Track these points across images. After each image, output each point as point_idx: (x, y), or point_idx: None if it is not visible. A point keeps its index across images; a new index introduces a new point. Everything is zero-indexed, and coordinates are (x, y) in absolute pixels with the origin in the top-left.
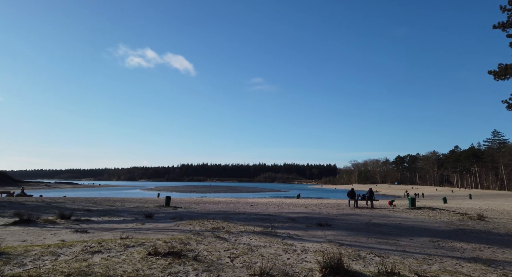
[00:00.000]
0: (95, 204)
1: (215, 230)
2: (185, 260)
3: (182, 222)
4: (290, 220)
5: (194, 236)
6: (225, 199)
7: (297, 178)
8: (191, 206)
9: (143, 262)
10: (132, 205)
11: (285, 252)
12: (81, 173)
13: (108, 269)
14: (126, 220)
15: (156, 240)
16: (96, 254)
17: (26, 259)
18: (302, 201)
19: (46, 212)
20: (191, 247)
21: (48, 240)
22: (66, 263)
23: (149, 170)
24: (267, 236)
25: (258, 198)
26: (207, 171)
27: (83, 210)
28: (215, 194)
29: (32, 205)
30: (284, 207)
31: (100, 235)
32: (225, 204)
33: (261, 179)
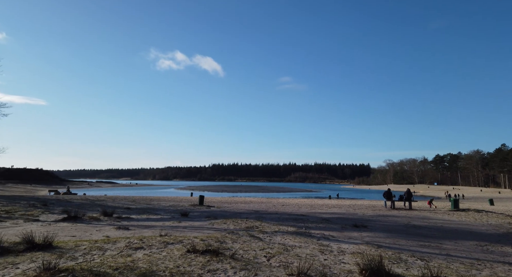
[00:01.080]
0: (133, 203)
1: (249, 229)
2: (223, 258)
3: (217, 221)
4: (323, 220)
5: (229, 235)
6: (256, 199)
7: (329, 178)
8: (223, 205)
9: (183, 259)
10: (168, 203)
11: (321, 253)
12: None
13: (151, 264)
14: (163, 218)
15: (193, 238)
16: (139, 250)
17: (77, 253)
18: (335, 202)
19: (90, 210)
20: (227, 245)
21: (94, 236)
22: (112, 258)
23: (182, 170)
24: (302, 237)
25: (289, 198)
26: (237, 171)
27: (123, 208)
28: (246, 193)
29: (77, 203)
30: (317, 208)
31: (140, 232)
32: (256, 203)
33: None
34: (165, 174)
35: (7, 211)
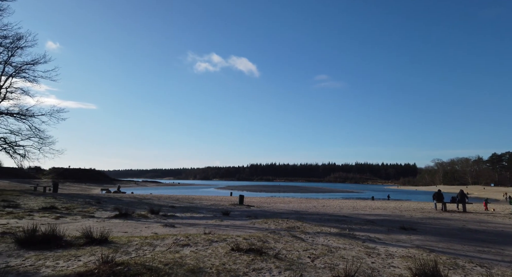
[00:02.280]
0: (177, 201)
1: (290, 230)
2: (267, 258)
3: (257, 221)
4: (368, 222)
5: (271, 235)
6: (295, 199)
7: (371, 178)
8: (263, 205)
9: (228, 257)
10: (209, 202)
11: (368, 256)
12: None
13: (198, 261)
14: (206, 217)
15: (236, 236)
16: (186, 247)
17: (130, 248)
18: (379, 203)
19: (138, 208)
20: (269, 245)
21: (144, 233)
22: (162, 254)
23: (221, 170)
24: (345, 238)
25: (329, 198)
26: (275, 171)
27: (168, 206)
28: (284, 193)
29: (126, 201)
30: (360, 209)
31: (185, 230)
32: (296, 204)
33: (331, 179)
34: (205, 174)
35: (67, 207)
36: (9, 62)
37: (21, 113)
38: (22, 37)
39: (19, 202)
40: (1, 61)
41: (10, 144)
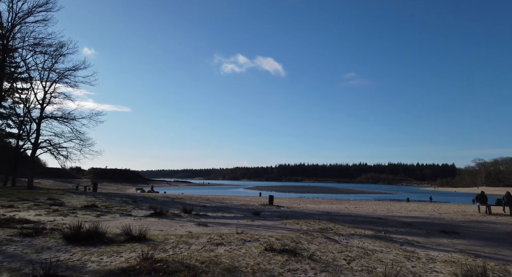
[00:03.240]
0: (208, 201)
1: (323, 231)
2: (301, 259)
3: (288, 221)
4: (405, 224)
5: (304, 236)
6: (326, 200)
7: (405, 179)
8: (292, 205)
9: (262, 257)
10: (239, 202)
11: (407, 259)
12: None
13: (233, 260)
14: (237, 217)
15: (269, 237)
16: (220, 246)
17: (167, 246)
18: (415, 205)
19: (171, 207)
20: (303, 246)
21: (179, 231)
22: (198, 252)
23: (249, 170)
24: (381, 241)
25: (362, 200)
26: (304, 171)
27: (199, 206)
28: (314, 194)
29: (160, 200)
30: (394, 211)
31: (218, 229)
32: (327, 204)
33: (363, 180)
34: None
35: (106, 206)
36: (53, 68)
37: (64, 116)
38: (64, 45)
39: (63, 201)
40: (46, 68)
41: (54, 146)
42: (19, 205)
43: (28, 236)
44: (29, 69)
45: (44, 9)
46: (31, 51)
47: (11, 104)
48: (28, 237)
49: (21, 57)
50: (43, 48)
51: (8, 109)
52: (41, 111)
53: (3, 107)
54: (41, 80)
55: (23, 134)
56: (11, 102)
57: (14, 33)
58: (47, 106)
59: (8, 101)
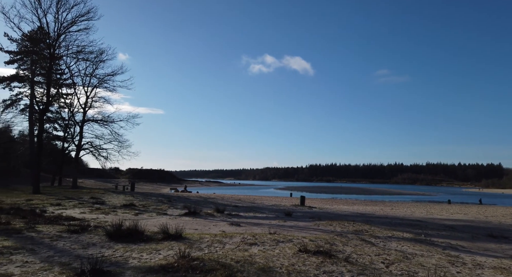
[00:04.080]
0: (239, 201)
1: (358, 233)
2: (336, 261)
3: (321, 222)
4: (446, 228)
5: (338, 237)
6: (360, 201)
7: (445, 179)
8: (325, 206)
9: (296, 258)
10: (270, 203)
11: (451, 265)
12: (224, 173)
13: (267, 260)
14: (269, 217)
15: (302, 238)
16: (253, 246)
17: (202, 245)
18: (458, 207)
19: (204, 206)
20: (337, 248)
21: (212, 230)
22: (232, 251)
23: (279, 171)
24: (422, 244)
25: (398, 201)
26: (336, 171)
27: (231, 206)
28: (346, 195)
29: (194, 200)
30: (435, 213)
31: (250, 229)
32: (361, 206)
33: (399, 180)
34: (264, 175)
35: (143, 205)
36: (94, 74)
37: (104, 119)
38: (104, 52)
39: (104, 200)
40: (87, 74)
41: (96, 147)
42: (65, 204)
43: (75, 232)
44: (72, 76)
45: (86, 18)
46: (74, 58)
47: (57, 108)
48: (75, 233)
49: (65, 64)
50: (85, 55)
51: (54, 113)
52: (83, 114)
53: (50, 111)
54: (83, 86)
55: (68, 136)
56: (57, 106)
57: (60, 42)
58: (89, 110)
59: (55, 106)
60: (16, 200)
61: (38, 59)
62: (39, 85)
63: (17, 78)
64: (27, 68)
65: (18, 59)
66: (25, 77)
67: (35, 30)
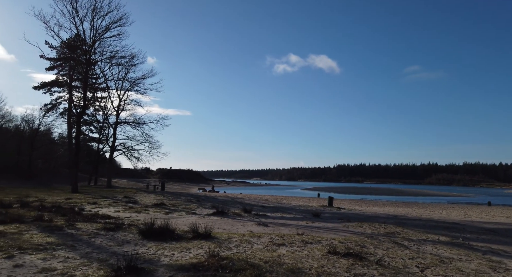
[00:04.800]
0: (266, 201)
1: (390, 235)
2: (368, 263)
3: (351, 224)
4: (487, 231)
5: (369, 240)
6: (390, 202)
7: (485, 180)
8: (354, 207)
9: (325, 259)
10: (297, 203)
11: (493, 270)
12: (250, 173)
13: (296, 261)
14: (296, 217)
15: (331, 239)
16: (281, 246)
17: (231, 244)
18: (499, 210)
19: (232, 206)
20: (368, 250)
21: (240, 230)
22: (260, 252)
23: (306, 171)
24: (459, 248)
25: (432, 202)
26: (365, 171)
27: (258, 206)
28: (377, 196)
29: (221, 200)
30: (474, 215)
31: (278, 230)
32: (392, 207)
33: (433, 181)
34: (290, 175)
35: (173, 204)
36: (126, 78)
37: (135, 121)
38: (135, 56)
39: (136, 199)
40: (120, 78)
41: (128, 148)
42: (101, 202)
43: (111, 230)
44: (106, 80)
45: (119, 25)
46: (108, 63)
47: (93, 111)
48: (110, 231)
49: (100, 69)
50: (118, 60)
51: (90, 116)
52: (116, 117)
53: (87, 114)
54: (116, 89)
55: (103, 138)
56: (93, 110)
57: (95, 48)
58: (121, 112)
59: (90, 109)
60: (56, 198)
61: (76, 65)
62: (76, 90)
63: (56, 83)
64: (66, 74)
65: (57, 65)
66: (64, 82)
67: (73, 37)
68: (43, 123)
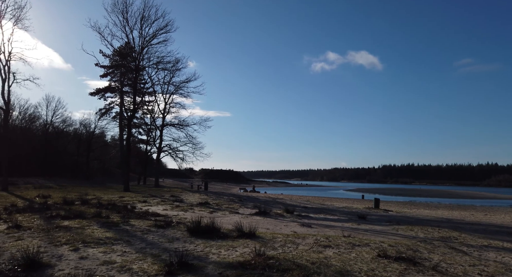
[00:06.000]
0: (308, 202)
1: (445, 240)
2: (423, 269)
3: (401, 227)
4: None
5: (422, 244)
6: (444, 205)
7: None
8: (403, 210)
9: (375, 263)
10: (341, 204)
11: None
12: (290, 174)
13: (344, 264)
14: (341, 219)
15: (380, 242)
16: (327, 248)
17: (276, 244)
18: None
19: (273, 206)
20: (422, 255)
21: (284, 230)
22: (306, 252)
23: (349, 171)
24: None
25: (492, 206)
26: (413, 172)
27: (300, 206)
28: (427, 198)
29: (263, 200)
30: None
31: (322, 231)
32: (445, 210)
33: (492, 183)
34: (332, 175)
35: (217, 204)
36: (171, 82)
37: (180, 123)
38: (179, 61)
39: (182, 198)
40: (165, 82)
41: (173, 149)
42: (150, 201)
43: (161, 227)
44: (153, 84)
45: (165, 31)
46: (154, 68)
47: (141, 115)
48: (161, 228)
49: (147, 74)
50: (163, 65)
51: (139, 119)
52: (162, 119)
53: (136, 117)
54: (162, 93)
55: (150, 140)
56: (141, 113)
57: (143, 54)
58: (167, 115)
59: (139, 112)
60: (111, 197)
61: (126, 71)
62: (126, 94)
63: (109, 89)
64: (117, 80)
65: (110, 72)
66: (116, 88)
67: (123, 45)
68: (98, 126)
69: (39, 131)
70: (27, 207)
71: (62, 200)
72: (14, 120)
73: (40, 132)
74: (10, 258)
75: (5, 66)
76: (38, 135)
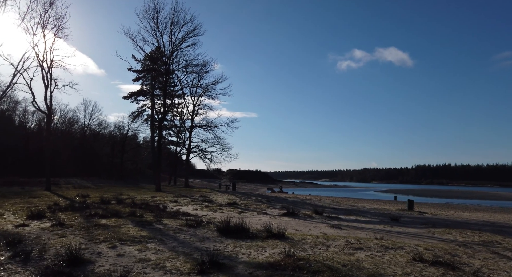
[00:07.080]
0: (337, 203)
1: (487, 244)
2: (462, 274)
3: (437, 230)
4: None
5: (461, 248)
6: (485, 207)
7: None
8: (439, 212)
9: (411, 267)
10: (372, 206)
11: None
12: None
13: (377, 267)
14: (372, 221)
15: (415, 245)
16: (359, 250)
17: (305, 246)
18: None
19: (302, 207)
20: (461, 259)
21: (313, 232)
22: (337, 254)
23: (380, 172)
24: None
25: None
26: (450, 173)
27: (329, 208)
28: (466, 200)
29: (290, 201)
30: None
31: (353, 233)
32: (487, 213)
33: None
34: (362, 176)
35: (245, 204)
36: (200, 84)
37: (208, 125)
38: (207, 63)
39: (211, 198)
40: (194, 85)
41: (202, 150)
42: (181, 201)
43: (192, 227)
44: (182, 87)
45: (193, 35)
46: (184, 71)
47: (171, 117)
48: (191, 228)
49: (177, 77)
50: (192, 68)
51: (169, 121)
52: (191, 121)
53: (166, 120)
54: (191, 95)
55: (180, 141)
56: (171, 115)
57: (173, 58)
58: (195, 116)
59: (169, 115)
60: (144, 196)
61: (157, 75)
62: (157, 98)
63: (141, 92)
64: (149, 84)
65: (141, 76)
66: (147, 91)
67: (154, 50)
68: (131, 129)
69: (78, 134)
70: (68, 206)
71: (99, 199)
72: (55, 123)
73: (79, 134)
74: (55, 254)
75: (47, 73)
76: (77, 138)
